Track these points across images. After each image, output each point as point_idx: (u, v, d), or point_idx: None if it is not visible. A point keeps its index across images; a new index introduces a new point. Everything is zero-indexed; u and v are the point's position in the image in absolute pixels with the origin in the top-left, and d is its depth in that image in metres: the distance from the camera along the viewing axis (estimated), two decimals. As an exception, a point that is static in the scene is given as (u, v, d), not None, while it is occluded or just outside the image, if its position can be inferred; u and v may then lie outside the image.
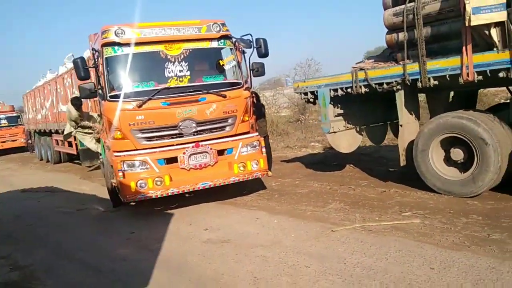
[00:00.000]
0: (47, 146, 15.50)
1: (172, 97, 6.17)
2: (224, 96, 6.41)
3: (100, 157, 8.72)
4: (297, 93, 7.60)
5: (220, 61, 6.82)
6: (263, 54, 6.69)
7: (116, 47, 6.10)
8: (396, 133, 8.06)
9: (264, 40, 6.64)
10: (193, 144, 6.19)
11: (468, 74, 5.15)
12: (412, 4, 5.67)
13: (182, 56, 6.35)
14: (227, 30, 6.63)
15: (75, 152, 12.00)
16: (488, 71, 5.00)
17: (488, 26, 4.91)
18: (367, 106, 7.23)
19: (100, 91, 6.26)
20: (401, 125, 6.27)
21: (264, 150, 6.71)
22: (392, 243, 4.18)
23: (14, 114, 24.68)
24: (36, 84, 16.30)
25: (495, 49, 4.99)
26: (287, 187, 7.25)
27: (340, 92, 6.72)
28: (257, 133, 6.95)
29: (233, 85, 6.65)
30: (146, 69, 6.49)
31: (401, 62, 6.04)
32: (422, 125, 6.34)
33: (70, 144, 12.36)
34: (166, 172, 6.02)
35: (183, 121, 6.18)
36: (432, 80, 5.57)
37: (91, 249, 5.14)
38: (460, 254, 3.74)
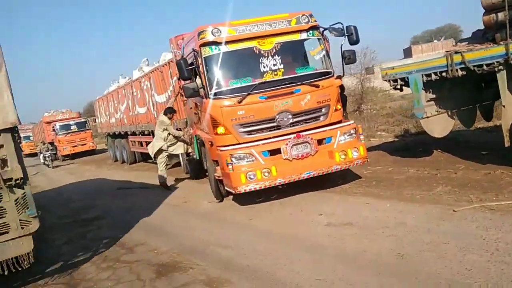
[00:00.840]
0: (122, 148, 16.47)
1: (268, 90, 6.40)
2: (317, 86, 6.58)
3: (192, 154, 9.23)
4: (385, 80, 7.70)
5: (311, 51, 6.98)
6: (355, 41, 6.79)
7: (213, 47, 6.36)
8: (485, 116, 8.01)
9: (355, 28, 6.75)
10: (294, 135, 6.38)
11: None
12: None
13: (274, 50, 6.55)
14: (315, 21, 6.79)
15: None
16: None
17: None
18: (457, 89, 7.19)
19: (201, 90, 6.60)
20: (503, 106, 6.22)
21: (361, 137, 6.81)
22: (525, 219, 4.26)
23: (82, 120, 26.53)
24: (108, 90, 17.33)
25: None
26: (381, 174, 7.39)
27: (433, 77, 6.76)
28: (352, 121, 7.07)
29: (324, 75, 6.79)
30: (242, 65, 6.72)
31: (501, 42, 6.01)
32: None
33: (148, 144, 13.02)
34: (272, 163, 6.25)
35: (280, 113, 6.41)
36: (540, 59, 5.52)
37: (223, 239, 5.43)
38: None
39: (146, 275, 4.44)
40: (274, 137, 6.44)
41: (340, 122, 6.89)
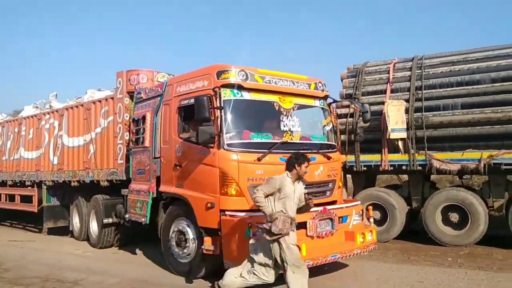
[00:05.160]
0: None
1: (286, 153, 5.53)
2: (329, 158, 6.30)
3: (132, 217, 7.29)
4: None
5: (323, 121, 6.80)
6: (368, 119, 7.02)
7: (235, 91, 5.70)
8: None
9: (369, 107, 7.05)
10: (321, 208, 5.63)
11: (385, 165, 8.72)
12: (351, 119, 9.19)
13: (292, 111, 6.14)
14: (327, 91, 6.76)
15: (35, 210, 10.48)
16: (396, 165, 8.65)
17: (397, 139, 8.60)
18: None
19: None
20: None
21: (371, 220, 6.54)
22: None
23: None
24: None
25: (400, 152, 8.66)
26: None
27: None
28: (359, 201, 6.85)
29: (331, 148, 6.62)
30: (262, 119, 6.21)
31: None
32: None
33: (26, 199, 10.86)
34: (299, 240, 5.08)
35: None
36: (362, 167, 9.00)
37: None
38: (401, 266, 6.80)
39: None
40: None
41: (336, 202, 6.40)
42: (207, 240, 5.50)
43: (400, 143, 8.62)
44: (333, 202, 6.27)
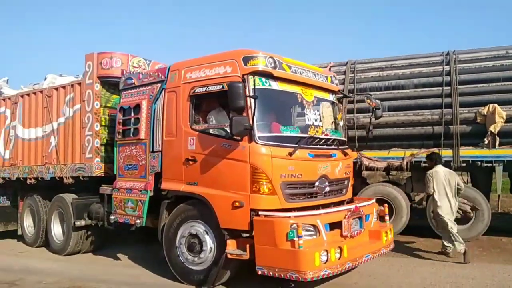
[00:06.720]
0: None
1: (312, 148, 5.35)
2: (345, 155, 5.97)
3: (118, 218, 6.50)
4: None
5: (338, 116, 6.45)
6: (380, 116, 6.69)
7: (264, 79, 5.16)
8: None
9: (380, 103, 6.74)
10: (353, 207, 5.42)
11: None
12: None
13: (313, 104, 5.72)
14: (339, 85, 6.60)
15: None
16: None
17: (331, 138, 9.14)
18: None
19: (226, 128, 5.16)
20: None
21: (387, 218, 6.18)
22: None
23: None
24: None
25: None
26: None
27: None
28: (374, 199, 6.38)
29: (345, 144, 6.26)
30: (287, 111, 5.77)
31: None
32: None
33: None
34: (339, 241, 4.96)
35: (319, 178, 5.40)
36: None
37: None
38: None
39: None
40: (313, 207, 5.25)
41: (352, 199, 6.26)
42: (231, 244, 4.97)
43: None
44: (343, 202, 5.99)
